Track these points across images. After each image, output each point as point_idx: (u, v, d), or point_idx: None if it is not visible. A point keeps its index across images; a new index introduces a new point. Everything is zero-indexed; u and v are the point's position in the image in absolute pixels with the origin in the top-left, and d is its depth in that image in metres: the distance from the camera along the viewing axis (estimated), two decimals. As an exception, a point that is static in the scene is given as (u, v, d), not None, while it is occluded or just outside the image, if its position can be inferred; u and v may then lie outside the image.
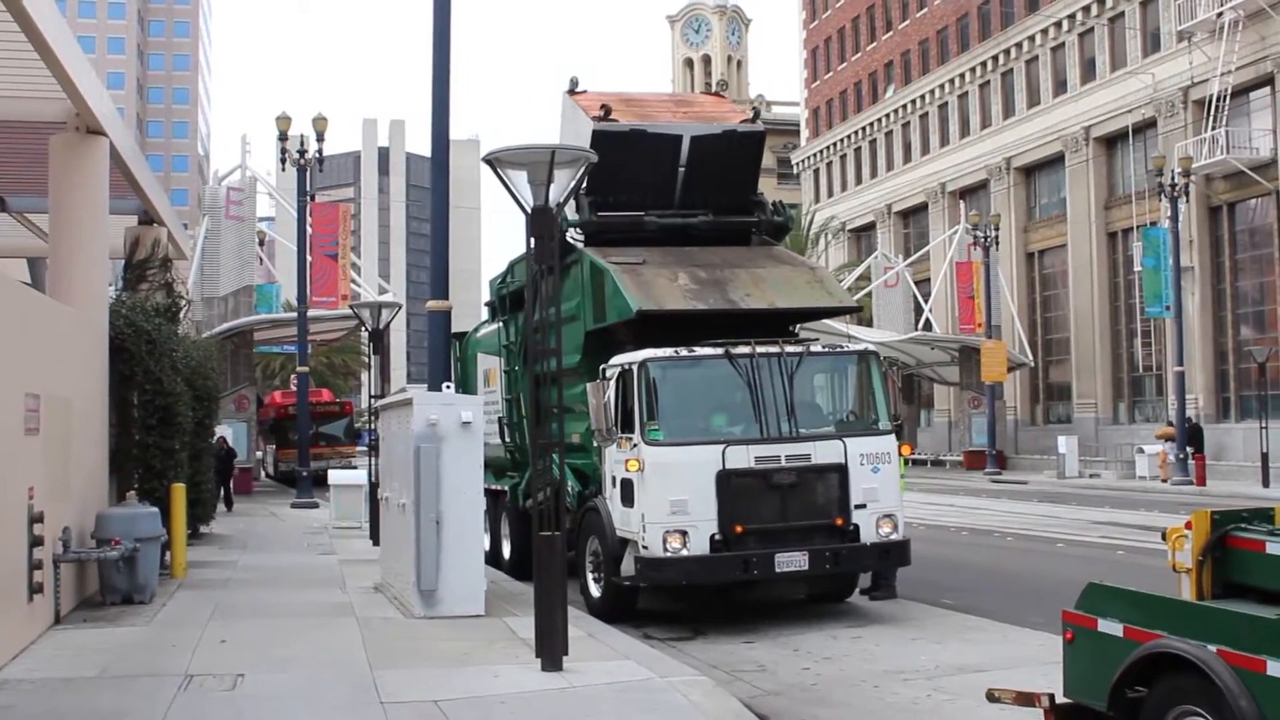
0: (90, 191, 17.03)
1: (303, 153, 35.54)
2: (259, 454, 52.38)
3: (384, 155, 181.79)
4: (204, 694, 10.10)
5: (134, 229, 22.24)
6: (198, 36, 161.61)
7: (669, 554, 13.77)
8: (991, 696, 8.76)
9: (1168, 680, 6.82)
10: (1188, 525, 7.86)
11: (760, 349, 14.62)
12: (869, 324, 58.78)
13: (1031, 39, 59.67)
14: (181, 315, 22.54)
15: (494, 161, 11.20)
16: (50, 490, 13.11)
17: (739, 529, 13.81)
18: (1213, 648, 6.52)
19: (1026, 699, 8.22)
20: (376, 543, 19.84)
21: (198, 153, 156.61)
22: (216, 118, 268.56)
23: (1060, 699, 7.80)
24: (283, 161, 36.55)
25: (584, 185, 13.79)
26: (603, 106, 16.59)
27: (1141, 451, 46.05)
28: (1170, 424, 51.56)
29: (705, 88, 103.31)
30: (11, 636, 11.65)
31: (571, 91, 17.71)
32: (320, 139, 35.67)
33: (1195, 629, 6.75)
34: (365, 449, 33.22)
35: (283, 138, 35.99)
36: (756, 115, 18.00)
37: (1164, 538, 8.11)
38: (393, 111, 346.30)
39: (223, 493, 32.37)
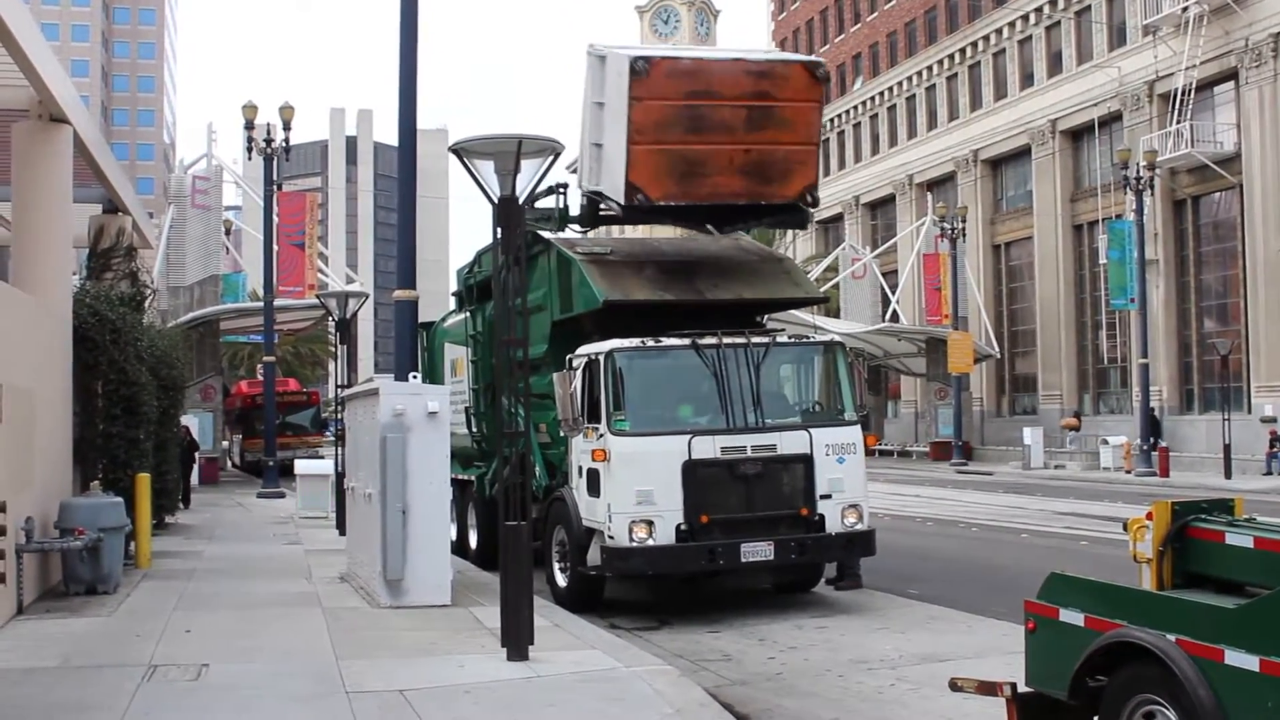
0: (54, 179, 16.91)
1: (269, 141, 35.35)
2: (225, 444, 52.10)
3: (351, 144, 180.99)
4: (168, 684, 10.06)
5: (98, 217, 22.10)
6: (163, 24, 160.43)
7: (635, 544, 13.80)
8: (954, 685, 8.82)
9: (1128, 669, 6.88)
10: (1149, 516, 7.91)
11: (726, 340, 14.65)
12: (836, 315, 58.85)
13: (999, 32, 59.92)
14: (146, 304, 22.39)
15: (461, 151, 11.19)
16: (12, 480, 13.02)
17: (705, 519, 13.85)
18: (1172, 637, 6.58)
19: (989, 688, 8.27)
20: (343, 533, 19.80)
21: (163, 141, 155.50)
22: (182, 106, 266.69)
23: (1022, 688, 7.86)
24: (249, 150, 36.35)
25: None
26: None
27: (1106, 443, 46.36)
28: (1077, 415, 52.54)
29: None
30: (-27, 627, 11.57)
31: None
32: (287, 128, 35.49)
33: (1155, 619, 6.81)
34: (332, 439, 33.06)
35: (249, 126, 35.80)
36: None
37: (1125, 528, 8.17)
38: (360, 101, 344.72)
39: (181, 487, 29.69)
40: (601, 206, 15.80)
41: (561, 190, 16.71)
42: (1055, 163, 55.70)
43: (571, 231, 16.92)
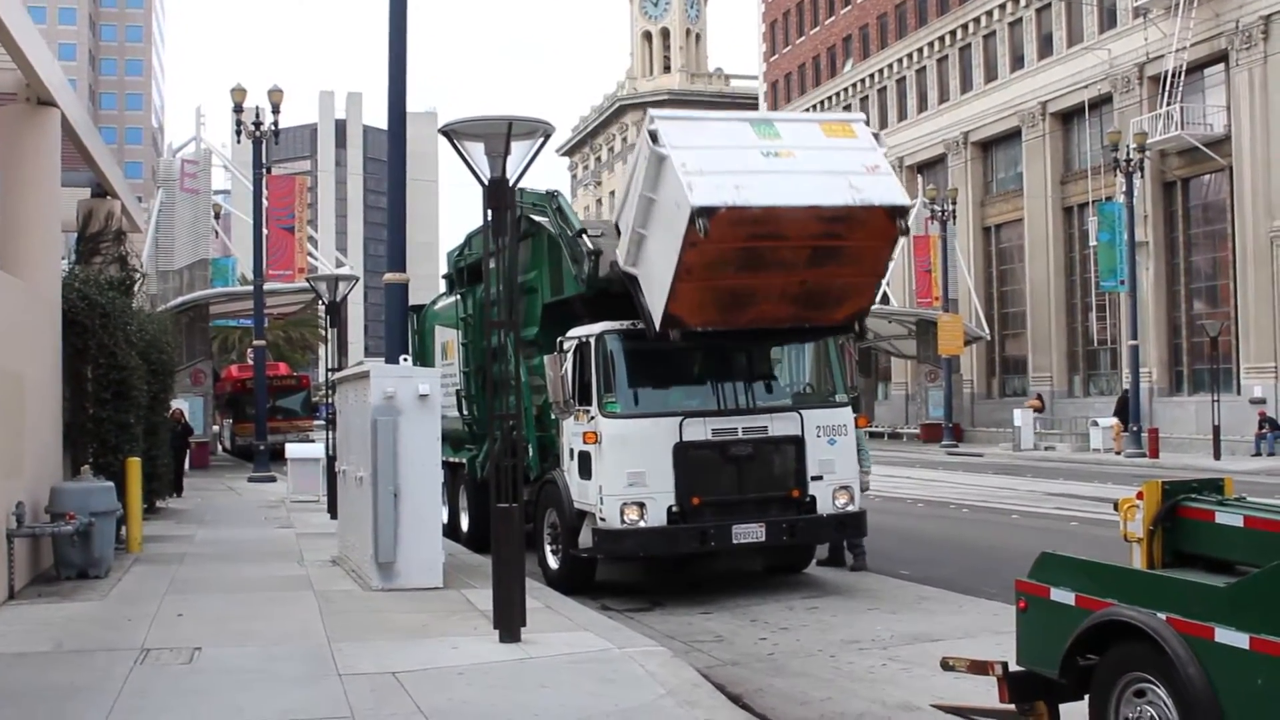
0: (41, 163, 16.83)
1: (258, 125, 35.26)
2: (215, 428, 52.05)
3: (341, 128, 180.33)
4: (160, 668, 10.06)
5: (87, 202, 22.01)
6: (150, 7, 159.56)
7: (626, 526, 13.81)
8: (946, 665, 8.85)
9: (1118, 648, 6.90)
10: (1139, 496, 7.94)
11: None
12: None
13: (989, 14, 59.85)
14: (136, 289, 22.33)
15: (451, 133, 11.15)
16: (3, 465, 13.02)
17: (696, 501, 13.86)
18: (1163, 616, 6.60)
19: (980, 667, 8.30)
20: (334, 516, 19.80)
21: (151, 125, 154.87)
22: (171, 90, 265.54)
23: (1013, 667, 7.89)
24: (238, 134, 36.24)
25: None
26: None
27: (1096, 424, 46.46)
28: (1039, 397, 53.04)
29: (664, 61, 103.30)
30: (-36, 611, 11.57)
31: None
32: (276, 111, 35.37)
33: (1146, 597, 6.83)
34: (323, 423, 33.03)
35: (238, 110, 35.71)
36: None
37: (1116, 508, 8.19)
38: (350, 84, 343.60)
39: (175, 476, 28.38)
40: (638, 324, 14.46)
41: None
42: (1045, 145, 55.71)
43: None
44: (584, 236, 14.91)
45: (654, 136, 13.11)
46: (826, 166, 13.25)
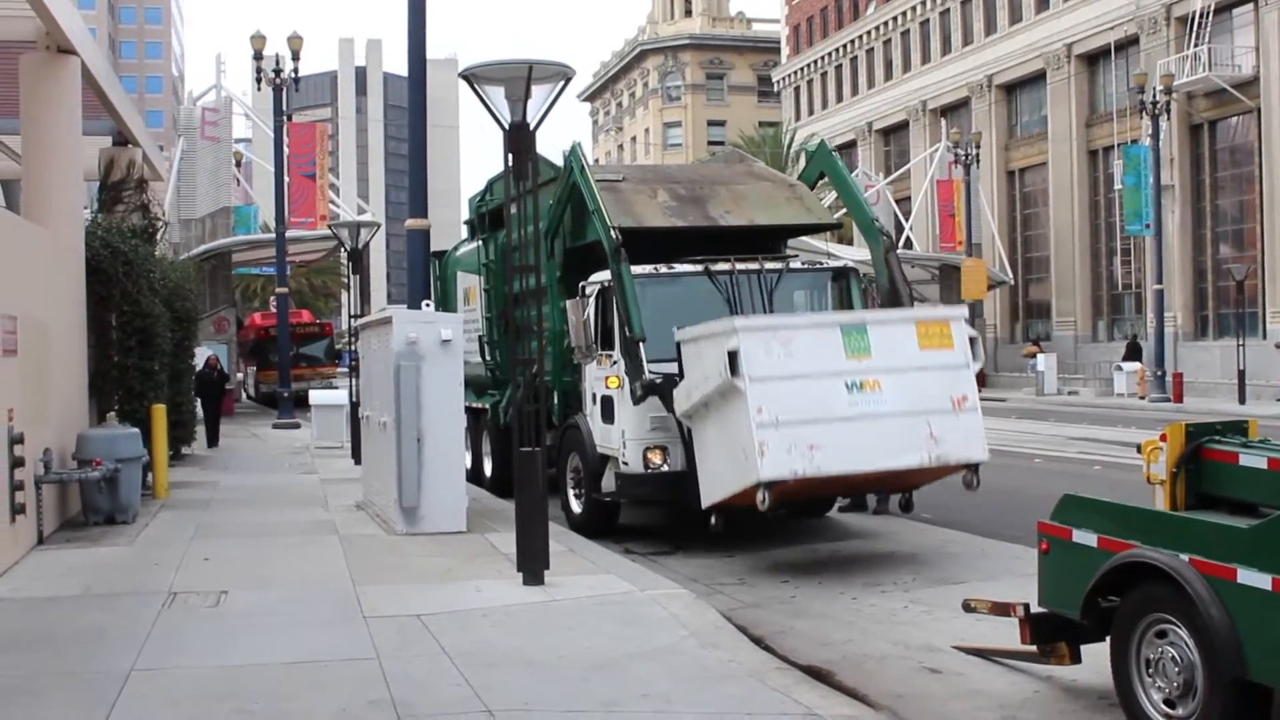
0: (62, 112, 16.84)
1: (278, 72, 35.16)
2: (240, 376, 52.34)
3: (361, 75, 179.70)
4: (188, 611, 10.17)
5: (108, 150, 22.01)
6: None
7: (649, 470, 13.84)
8: (968, 607, 8.90)
9: (1140, 589, 6.91)
10: (1162, 438, 7.93)
11: (740, 266, 14.60)
12: (849, 242, 58.69)
13: (1014, -46, 59.16)
14: (158, 237, 22.41)
15: (471, 77, 11.09)
16: (29, 412, 13.10)
17: (719, 445, 13.83)
18: (1185, 557, 6.60)
19: (1002, 609, 8.35)
20: (358, 462, 19.91)
21: (172, 73, 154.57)
22: (190, 37, 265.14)
23: (1035, 609, 7.91)
24: (258, 81, 36.17)
25: None
26: None
27: (1119, 369, 46.33)
28: (1037, 342, 53.32)
29: (685, 4, 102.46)
30: (-6, 556, 11.70)
31: None
32: (296, 58, 35.26)
33: (1168, 539, 6.83)
34: (346, 369, 33.15)
35: (258, 57, 35.60)
36: None
37: (1139, 450, 8.18)
38: (369, 31, 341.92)
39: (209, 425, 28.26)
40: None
41: None
42: (1070, 87, 55.18)
43: None
44: (611, 231, 14.43)
45: (733, 361, 11.78)
46: (912, 403, 12.30)
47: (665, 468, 13.84)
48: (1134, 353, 47.27)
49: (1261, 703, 6.37)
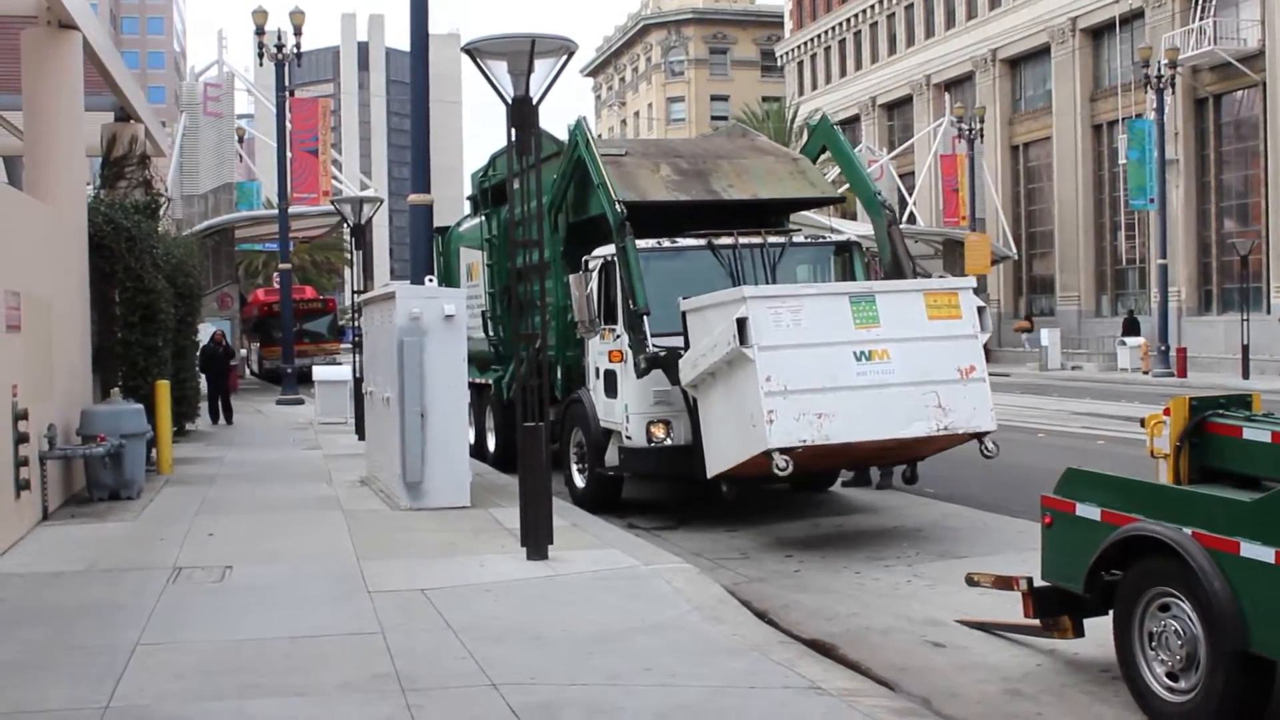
0: (64, 88, 16.79)
1: (280, 47, 35.05)
2: (243, 352, 52.38)
3: (363, 50, 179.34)
4: (193, 585, 10.20)
5: (110, 126, 21.97)
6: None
7: (652, 444, 13.86)
8: (970, 580, 8.92)
9: (1143, 563, 6.92)
10: (1166, 411, 7.92)
11: (743, 240, 14.59)
12: (853, 217, 58.63)
13: (1018, -73, 58.88)
14: (161, 213, 22.36)
15: (474, 51, 11.06)
16: (34, 388, 13.10)
17: (722, 419, 13.83)
18: (1188, 530, 6.60)
19: (1005, 582, 8.36)
20: (362, 437, 19.94)
21: (173, 49, 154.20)
22: (192, 12, 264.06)
23: (1038, 582, 7.93)
24: (260, 57, 36.07)
25: None
26: None
27: (1123, 343, 46.30)
28: (1029, 318, 53.54)
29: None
30: (0, 532, 11.72)
31: None
32: (298, 33, 35.14)
33: (1171, 512, 6.83)
34: (349, 345, 33.17)
35: (260, 32, 35.51)
36: None
37: (1143, 424, 8.17)
38: (372, 6, 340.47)
39: (220, 402, 27.83)
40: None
41: None
42: (1075, 61, 54.98)
43: None
44: (615, 205, 14.38)
45: (742, 329, 11.76)
46: (920, 373, 12.32)
47: (668, 441, 13.85)
48: (1131, 327, 47.42)
49: (1264, 675, 6.38)
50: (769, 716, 6.88)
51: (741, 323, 11.74)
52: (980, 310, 12.93)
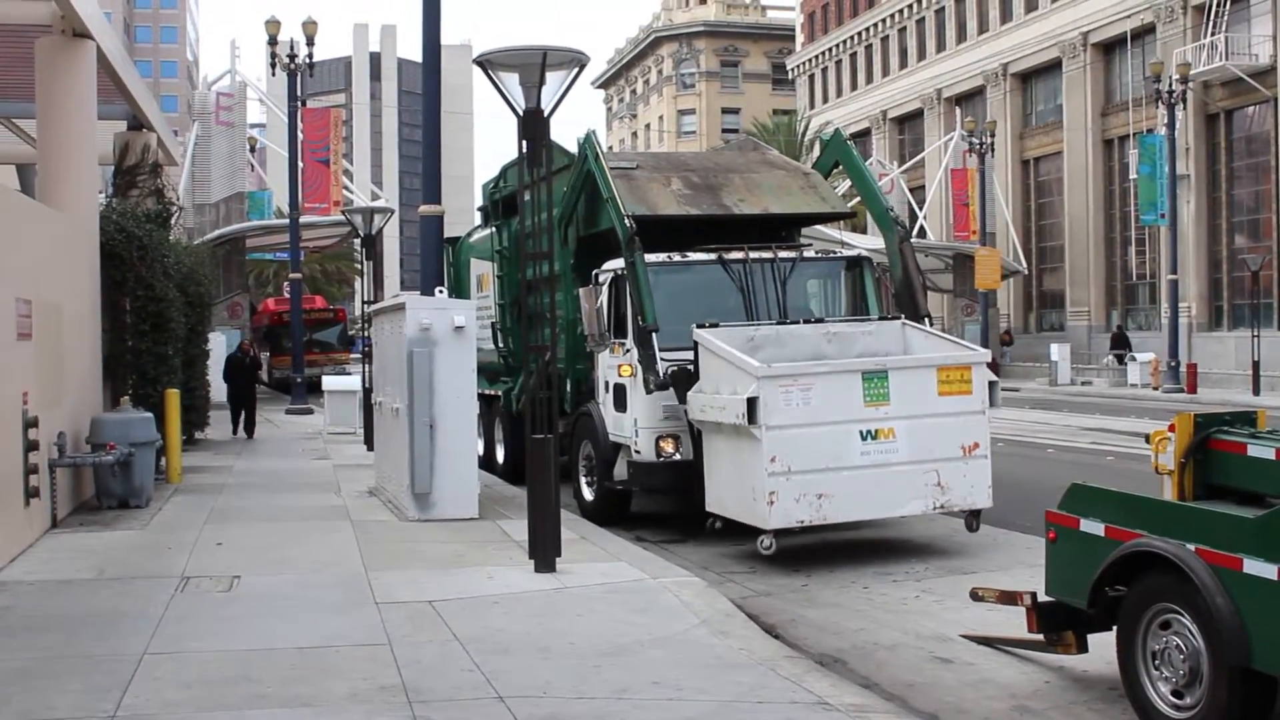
0: (78, 96, 16.89)
1: (293, 57, 35.17)
2: (253, 361, 52.39)
3: (375, 61, 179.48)
4: (201, 595, 10.24)
5: (123, 134, 22.08)
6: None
7: (661, 458, 13.87)
8: (975, 596, 8.93)
9: (1147, 579, 6.93)
10: (1171, 428, 7.94)
11: (753, 254, 14.61)
12: (863, 231, 58.67)
13: (1030, -58, 58.90)
14: (172, 221, 22.46)
15: (486, 64, 11.12)
16: (44, 395, 13.17)
17: (731, 433, 13.85)
18: (1192, 546, 6.61)
19: (1009, 597, 8.37)
20: (371, 448, 19.98)
21: (186, 58, 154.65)
22: (205, 22, 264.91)
23: (1042, 597, 7.94)
24: (273, 66, 36.18)
25: None
26: None
27: (1133, 359, 46.22)
28: (1008, 332, 54.33)
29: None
30: (9, 539, 11.77)
31: None
32: (310, 43, 35.27)
33: (1175, 528, 6.85)
34: (359, 355, 33.22)
35: (272, 42, 35.63)
36: None
37: (1148, 441, 8.19)
38: (384, 16, 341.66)
39: (243, 415, 26.82)
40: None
41: None
42: (1086, 76, 54.95)
43: None
44: (625, 219, 14.40)
45: (751, 408, 11.74)
46: (923, 451, 12.39)
47: (677, 456, 13.86)
48: (1120, 342, 47.96)
49: (1266, 692, 6.39)
50: (774, 730, 6.89)
51: (751, 402, 11.77)
52: (992, 385, 12.96)
